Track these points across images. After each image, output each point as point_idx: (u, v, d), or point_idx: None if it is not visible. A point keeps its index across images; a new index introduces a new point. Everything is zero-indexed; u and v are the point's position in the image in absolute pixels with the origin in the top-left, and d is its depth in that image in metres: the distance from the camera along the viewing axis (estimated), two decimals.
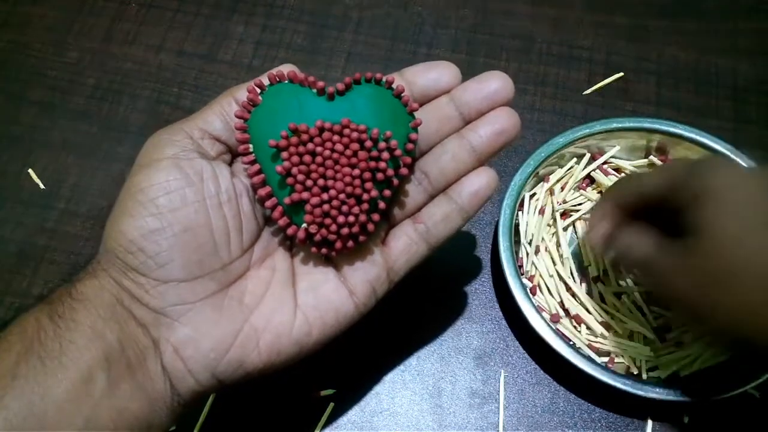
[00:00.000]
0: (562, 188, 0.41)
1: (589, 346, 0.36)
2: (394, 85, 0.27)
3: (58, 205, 0.44)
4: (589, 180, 0.42)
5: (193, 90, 0.48)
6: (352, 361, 0.38)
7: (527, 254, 0.39)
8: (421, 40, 0.50)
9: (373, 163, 0.25)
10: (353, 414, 0.37)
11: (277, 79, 0.27)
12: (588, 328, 0.37)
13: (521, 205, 0.40)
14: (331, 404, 0.37)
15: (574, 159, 0.41)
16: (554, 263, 0.39)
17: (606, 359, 0.36)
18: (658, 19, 0.50)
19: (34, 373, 0.21)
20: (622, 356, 0.36)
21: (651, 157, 0.41)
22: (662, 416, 0.36)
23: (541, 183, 0.41)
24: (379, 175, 0.25)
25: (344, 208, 0.25)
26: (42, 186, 0.45)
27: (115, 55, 0.50)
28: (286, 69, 0.27)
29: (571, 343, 0.36)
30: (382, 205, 0.26)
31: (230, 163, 0.28)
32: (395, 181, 0.26)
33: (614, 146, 0.41)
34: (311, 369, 0.37)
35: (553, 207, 0.40)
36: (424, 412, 0.37)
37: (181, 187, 0.25)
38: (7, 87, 0.49)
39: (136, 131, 0.47)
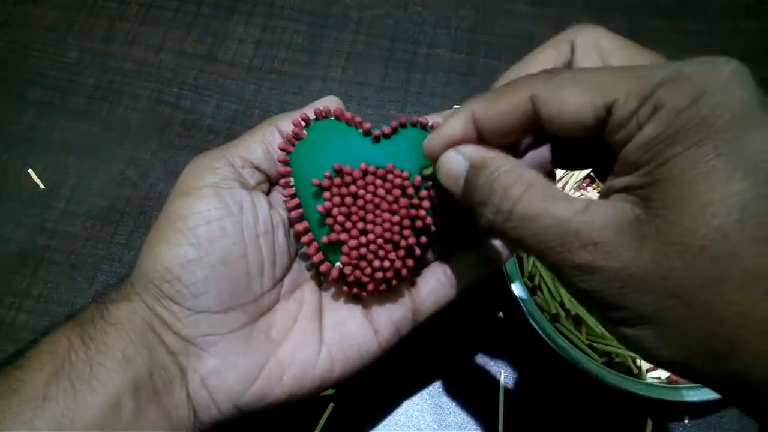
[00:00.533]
0: (563, 188, 0.41)
1: (590, 346, 0.36)
2: None
3: (58, 205, 0.44)
4: (590, 179, 0.42)
5: (193, 90, 0.48)
6: None
7: (527, 254, 0.39)
8: (421, 40, 0.50)
9: (413, 211, 0.25)
10: (353, 414, 0.37)
11: (323, 115, 0.27)
12: (588, 328, 0.37)
13: None
14: (331, 404, 0.37)
15: None
16: None
17: (606, 359, 0.36)
18: (658, 19, 0.50)
19: (64, 395, 0.22)
20: (622, 356, 0.36)
21: None
22: (662, 416, 0.36)
23: None
24: (418, 223, 0.25)
25: (381, 252, 0.25)
26: (42, 186, 0.45)
27: (115, 55, 0.50)
28: (332, 105, 0.27)
29: (572, 343, 0.36)
30: (418, 251, 0.26)
31: (267, 192, 0.28)
32: (433, 229, 0.26)
33: None
34: None
35: None
36: (424, 412, 0.37)
37: (221, 217, 0.25)
38: (7, 87, 0.49)
39: (136, 131, 0.47)
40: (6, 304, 0.41)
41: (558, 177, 0.41)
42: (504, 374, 0.38)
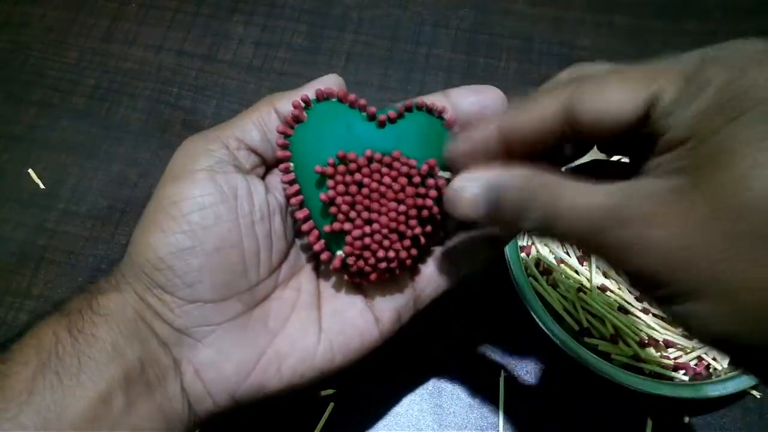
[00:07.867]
0: None
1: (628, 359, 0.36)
2: (444, 115, 0.26)
3: (58, 205, 0.44)
4: None
5: (193, 90, 0.48)
6: None
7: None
8: (421, 40, 0.50)
9: (420, 200, 0.24)
10: (353, 414, 0.37)
11: (325, 96, 0.25)
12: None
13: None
14: (331, 404, 0.37)
15: None
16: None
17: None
18: (658, 19, 0.50)
19: (51, 390, 0.21)
20: (649, 362, 0.36)
21: None
22: (662, 416, 0.36)
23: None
24: (425, 212, 0.24)
25: (385, 242, 0.24)
26: (42, 186, 0.45)
27: (115, 55, 0.50)
28: (334, 85, 0.26)
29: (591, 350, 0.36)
30: (423, 240, 0.25)
31: (263, 176, 0.27)
32: (439, 218, 0.25)
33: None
34: None
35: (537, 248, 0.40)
36: (424, 412, 0.37)
37: (215, 203, 0.24)
38: (7, 87, 0.49)
39: (136, 131, 0.47)
40: (6, 304, 0.41)
41: None
42: (504, 374, 0.38)
